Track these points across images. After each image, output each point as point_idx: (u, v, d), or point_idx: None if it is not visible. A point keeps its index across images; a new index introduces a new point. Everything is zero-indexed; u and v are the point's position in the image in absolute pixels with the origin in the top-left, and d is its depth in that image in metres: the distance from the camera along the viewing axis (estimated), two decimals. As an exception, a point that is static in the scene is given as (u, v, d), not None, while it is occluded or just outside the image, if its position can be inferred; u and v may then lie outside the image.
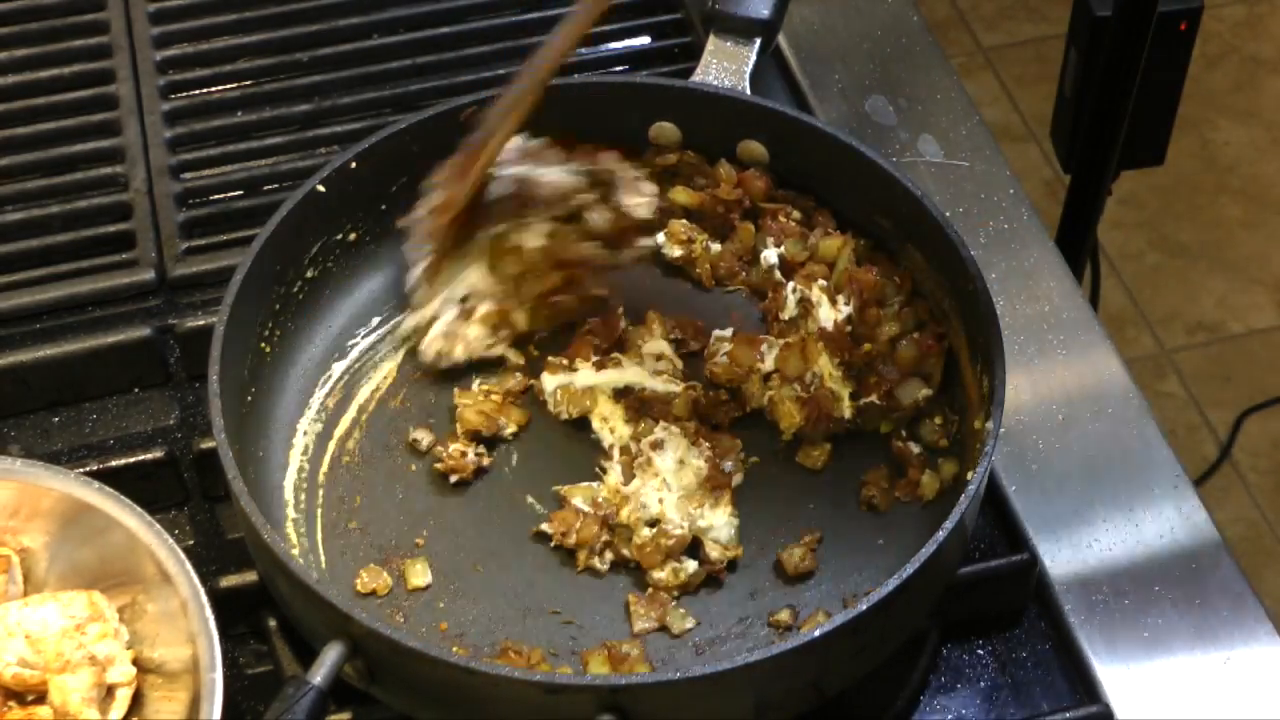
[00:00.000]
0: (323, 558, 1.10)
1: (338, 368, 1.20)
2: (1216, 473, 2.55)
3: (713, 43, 1.28)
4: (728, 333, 1.20)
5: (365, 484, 1.14)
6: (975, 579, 1.08)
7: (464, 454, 1.14)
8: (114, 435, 1.21)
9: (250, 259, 1.12)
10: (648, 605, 1.07)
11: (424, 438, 1.16)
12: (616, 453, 1.14)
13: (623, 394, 1.17)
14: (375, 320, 1.22)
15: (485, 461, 1.15)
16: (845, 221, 1.23)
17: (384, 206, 1.23)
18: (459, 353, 1.20)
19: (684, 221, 1.25)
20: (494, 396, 1.18)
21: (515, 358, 1.21)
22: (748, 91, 1.25)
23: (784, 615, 1.06)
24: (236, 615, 1.07)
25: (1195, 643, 1.08)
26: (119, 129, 1.40)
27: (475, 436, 1.16)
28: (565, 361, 1.19)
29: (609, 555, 1.10)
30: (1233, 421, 2.60)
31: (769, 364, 1.17)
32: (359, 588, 1.08)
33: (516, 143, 1.19)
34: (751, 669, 0.92)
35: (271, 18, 1.49)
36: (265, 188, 1.37)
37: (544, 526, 1.11)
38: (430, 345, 1.20)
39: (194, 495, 1.17)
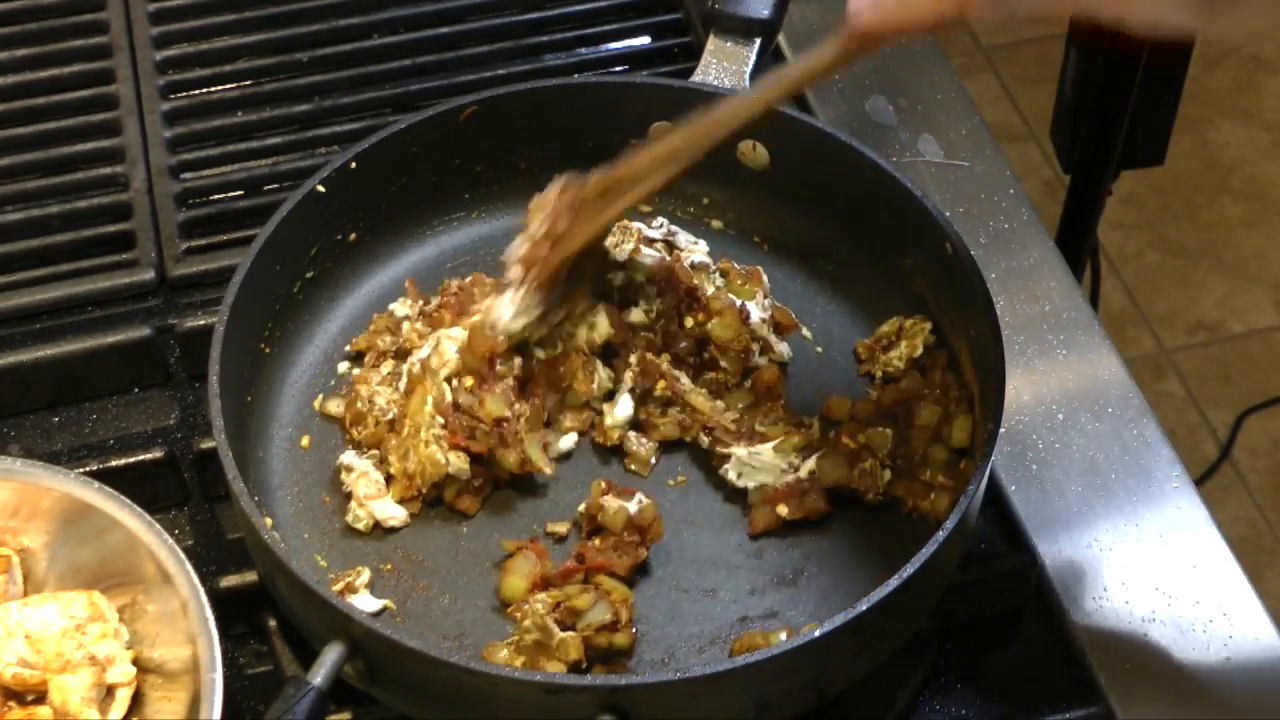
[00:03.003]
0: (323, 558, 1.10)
1: (338, 368, 1.20)
2: (1216, 473, 2.55)
3: (713, 43, 1.28)
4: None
5: (365, 484, 1.14)
6: (975, 579, 1.08)
7: None
8: (114, 435, 1.21)
9: (250, 259, 1.12)
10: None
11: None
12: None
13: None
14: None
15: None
16: (845, 223, 1.23)
17: (384, 206, 1.23)
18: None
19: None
20: None
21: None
22: (748, 91, 1.25)
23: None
24: (236, 615, 1.07)
25: (1195, 643, 1.08)
26: (119, 129, 1.40)
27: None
28: None
29: None
30: (1233, 421, 2.60)
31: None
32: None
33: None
34: (751, 669, 0.92)
35: (271, 18, 1.49)
36: (265, 188, 1.37)
37: None
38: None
39: (194, 495, 1.17)
